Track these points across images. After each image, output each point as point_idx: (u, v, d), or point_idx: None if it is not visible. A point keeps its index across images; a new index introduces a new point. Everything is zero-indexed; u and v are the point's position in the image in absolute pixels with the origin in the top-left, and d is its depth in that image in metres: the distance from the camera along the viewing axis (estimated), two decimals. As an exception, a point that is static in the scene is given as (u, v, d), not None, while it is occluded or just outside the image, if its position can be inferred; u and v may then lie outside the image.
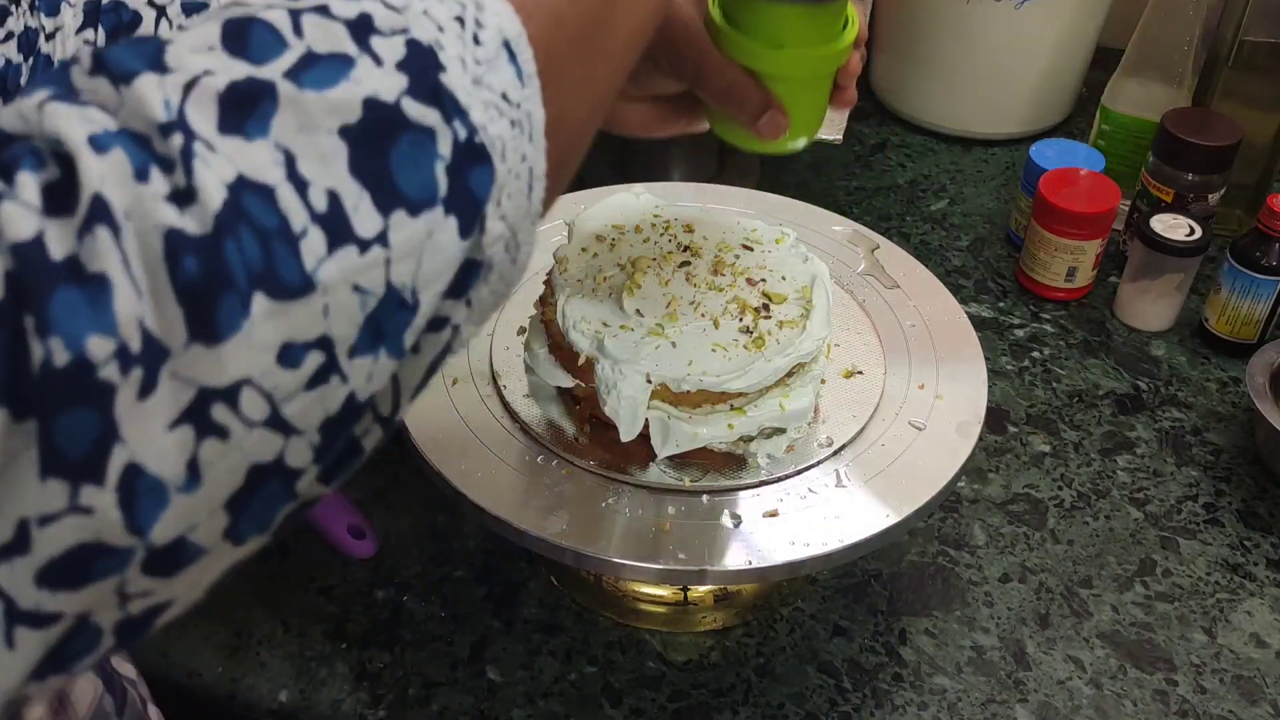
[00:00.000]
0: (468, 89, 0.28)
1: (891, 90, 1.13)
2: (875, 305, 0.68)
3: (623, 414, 0.55)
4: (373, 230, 0.26)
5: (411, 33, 0.27)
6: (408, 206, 0.26)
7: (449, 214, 0.27)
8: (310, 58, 0.26)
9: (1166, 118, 0.86)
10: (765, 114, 0.49)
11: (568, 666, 0.64)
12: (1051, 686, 0.64)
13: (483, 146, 0.28)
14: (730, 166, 1.00)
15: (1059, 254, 0.88)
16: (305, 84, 0.25)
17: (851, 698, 0.63)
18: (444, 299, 0.29)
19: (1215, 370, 0.85)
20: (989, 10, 1.00)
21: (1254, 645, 0.66)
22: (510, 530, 0.54)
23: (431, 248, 0.27)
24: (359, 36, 0.26)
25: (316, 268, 0.25)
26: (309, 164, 0.25)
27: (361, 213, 0.26)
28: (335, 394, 0.26)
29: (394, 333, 0.27)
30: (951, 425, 0.60)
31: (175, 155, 0.23)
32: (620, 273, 0.60)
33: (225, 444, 0.24)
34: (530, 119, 0.29)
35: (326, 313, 0.25)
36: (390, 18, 0.27)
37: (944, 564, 0.70)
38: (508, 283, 0.31)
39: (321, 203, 0.25)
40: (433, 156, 0.27)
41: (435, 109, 0.27)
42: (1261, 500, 0.75)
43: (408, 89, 0.26)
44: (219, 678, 0.64)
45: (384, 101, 0.26)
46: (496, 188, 0.28)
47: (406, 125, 0.26)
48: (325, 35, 0.26)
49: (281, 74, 0.25)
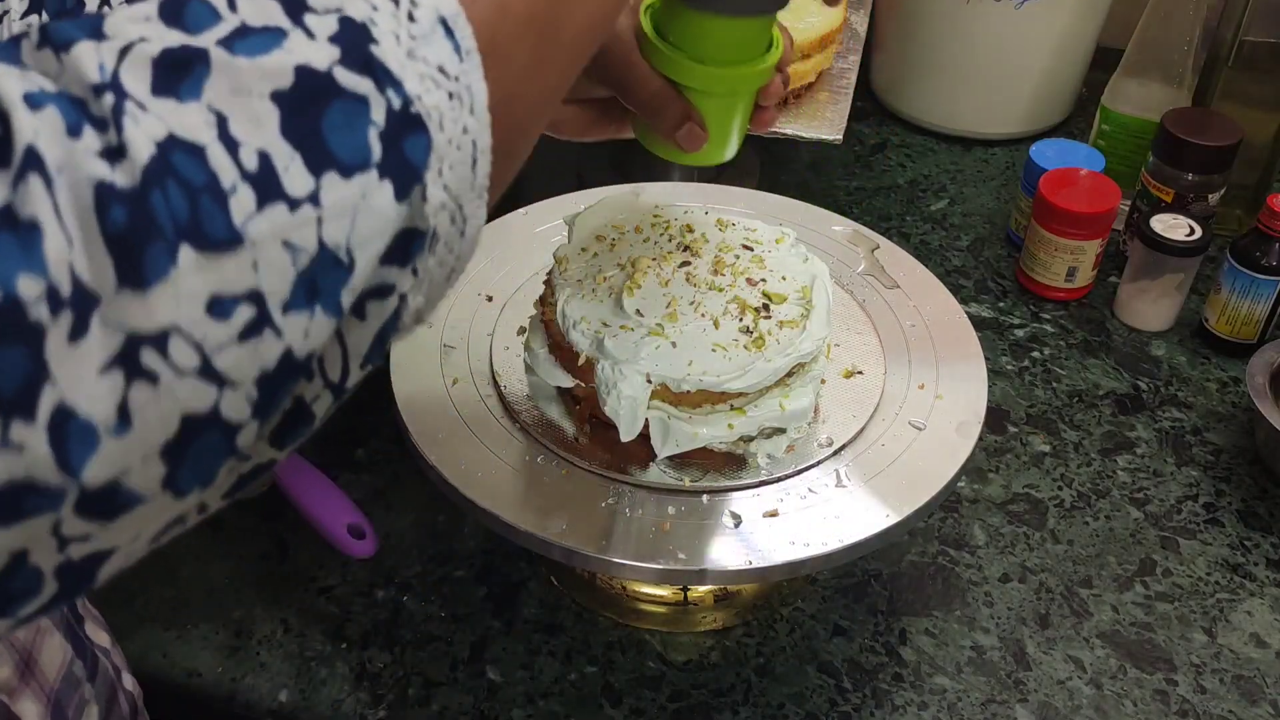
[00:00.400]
0: (401, 60, 0.29)
1: (891, 90, 1.13)
2: (875, 305, 0.68)
3: (623, 414, 0.55)
4: (304, 190, 0.27)
5: (345, 10, 0.28)
6: (340, 169, 0.27)
7: (384, 178, 0.28)
8: (244, 29, 0.27)
9: (1166, 118, 0.86)
10: (684, 126, 0.50)
11: (568, 666, 0.64)
12: (1051, 686, 0.64)
13: (418, 115, 0.29)
14: (730, 166, 1.00)
15: (1059, 254, 0.88)
16: (238, 51, 0.26)
17: (851, 698, 0.63)
18: (385, 265, 0.29)
19: (1215, 370, 0.85)
20: (989, 10, 1.00)
21: (1254, 645, 0.66)
22: (510, 530, 0.54)
23: (366, 209, 0.28)
24: (292, 12, 0.28)
25: (245, 223, 0.26)
26: (241, 125, 0.26)
27: (292, 173, 0.26)
28: (270, 348, 0.27)
29: (329, 290, 0.28)
30: (951, 425, 0.60)
31: (108, 114, 0.25)
32: (620, 273, 0.60)
33: (155, 389, 0.25)
34: (471, 92, 0.30)
35: (256, 267, 0.26)
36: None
37: (944, 564, 0.70)
38: (457, 255, 0.32)
39: (252, 162, 0.26)
40: (366, 122, 0.28)
41: (368, 78, 0.28)
42: (1261, 500, 0.75)
43: (340, 59, 0.28)
44: (219, 678, 0.64)
45: (316, 69, 0.27)
46: (435, 156, 0.29)
47: (338, 92, 0.27)
48: (259, 10, 0.27)
49: (215, 42, 0.26)
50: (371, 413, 0.79)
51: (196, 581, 0.69)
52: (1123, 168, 0.93)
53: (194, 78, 0.26)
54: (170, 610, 0.67)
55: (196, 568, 0.69)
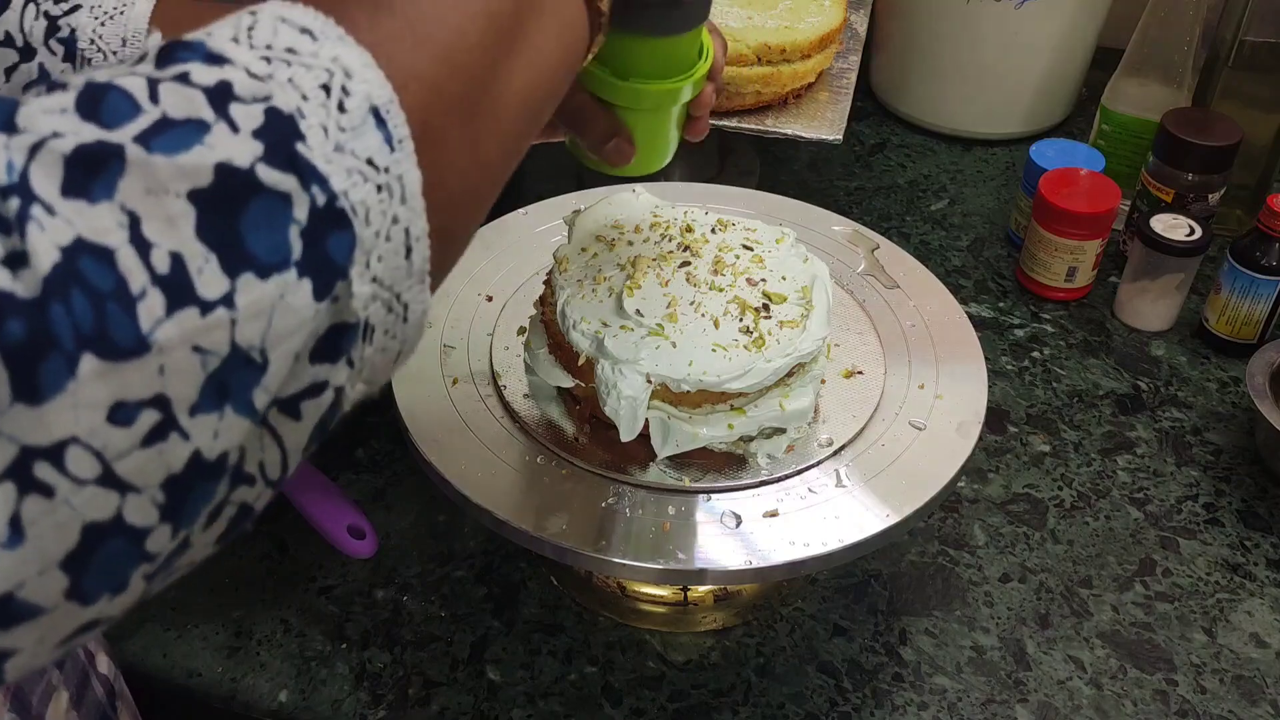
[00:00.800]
0: (327, 155, 0.28)
1: (891, 90, 1.13)
2: (875, 305, 0.68)
3: (623, 414, 0.55)
4: (218, 292, 0.26)
5: (273, 100, 0.27)
6: (257, 269, 0.26)
7: (303, 276, 0.27)
8: (164, 122, 0.26)
9: (1166, 118, 0.86)
10: (610, 140, 0.50)
11: (568, 666, 0.64)
12: (1051, 686, 0.64)
13: (342, 211, 0.28)
14: (730, 166, 1.00)
15: (1059, 254, 0.88)
16: (156, 148, 0.25)
17: (851, 698, 0.63)
18: (315, 363, 0.29)
19: (1215, 370, 0.85)
20: (989, 10, 1.00)
21: (1254, 645, 0.66)
22: (510, 530, 0.54)
23: (283, 309, 0.27)
24: (217, 103, 0.27)
25: (153, 329, 0.25)
26: (154, 226, 0.25)
27: (206, 275, 0.26)
28: (176, 451, 0.26)
29: (240, 391, 0.27)
30: (951, 425, 0.60)
31: (12, 218, 0.24)
32: (620, 273, 0.60)
33: (50, 501, 0.24)
34: (402, 182, 0.30)
35: (163, 372, 0.25)
36: (252, 85, 0.27)
37: (944, 564, 0.70)
38: (402, 340, 0.32)
39: (164, 265, 0.25)
40: (287, 220, 0.27)
41: (291, 174, 0.27)
42: (1261, 500, 0.75)
43: (263, 155, 0.27)
44: (219, 678, 0.64)
45: (237, 167, 0.26)
46: (360, 251, 0.29)
47: (260, 190, 0.27)
48: (181, 101, 0.26)
49: (131, 138, 0.25)
50: (371, 413, 0.79)
51: (196, 581, 0.69)
52: (1123, 168, 0.93)
53: (107, 177, 0.25)
54: (170, 610, 0.67)
55: (196, 568, 0.69)
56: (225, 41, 0.28)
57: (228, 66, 0.27)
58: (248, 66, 0.28)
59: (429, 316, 0.33)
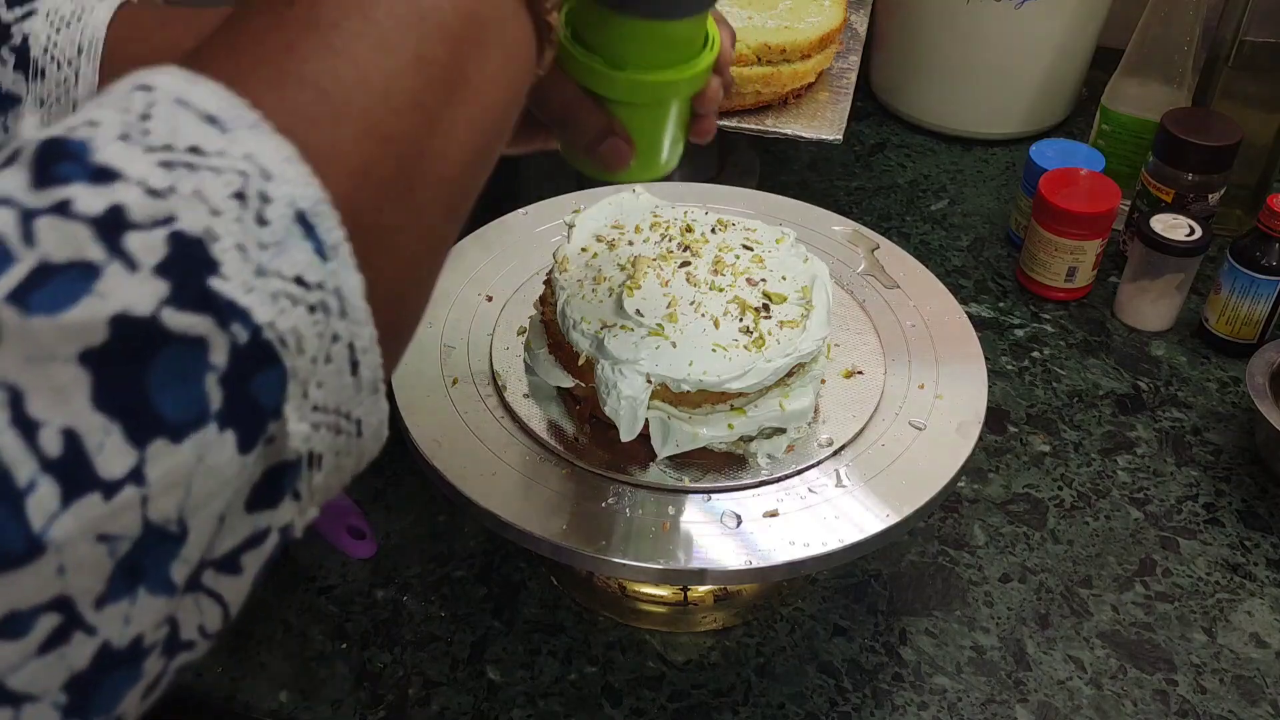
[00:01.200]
0: (247, 283, 0.23)
1: (891, 90, 1.13)
2: (875, 305, 0.68)
3: (623, 414, 0.55)
4: (123, 469, 0.22)
5: (177, 222, 0.23)
6: (169, 432, 0.22)
7: (225, 429, 0.23)
8: (42, 271, 0.21)
9: (1166, 118, 0.86)
10: (605, 141, 0.43)
11: (568, 666, 0.64)
12: (1051, 686, 0.64)
13: (268, 345, 0.24)
14: (730, 166, 1.00)
15: (1059, 254, 0.88)
16: (35, 306, 0.21)
17: (851, 698, 0.63)
18: (250, 512, 0.25)
19: (1215, 370, 0.85)
20: (989, 10, 1.00)
21: (1254, 645, 0.66)
22: (510, 530, 0.54)
23: (204, 472, 0.23)
24: (108, 237, 0.22)
25: (47, 526, 0.21)
26: (40, 401, 0.21)
27: (108, 450, 0.22)
28: (79, 650, 0.22)
29: (155, 569, 0.23)
30: (951, 425, 0.60)
31: None
32: (620, 273, 0.60)
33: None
34: (341, 294, 0.25)
35: (62, 571, 0.21)
36: (150, 206, 0.23)
37: (944, 564, 0.70)
38: (359, 454, 0.28)
39: (55, 446, 0.21)
40: (202, 369, 0.23)
41: (205, 315, 0.23)
42: (1261, 500, 0.75)
43: (168, 297, 0.22)
44: (219, 678, 0.64)
45: (137, 317, 0.22)
46: (294, 384, 0.25)
47: (166, 339, 0.22)
48: (64, 240, 0.22)
49: (4, 296, 0.21)
50: (371, 413, 0.79)
51: (196, 581, 0.69)
52: (1123, 168, 0.93)
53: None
54: (170, 610, 0.67)
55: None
56: (113, 143, 0.23)
57: (119, 185, 0.23)
58: (144, 180, 0.23)
59: (369, 460, 0.29)
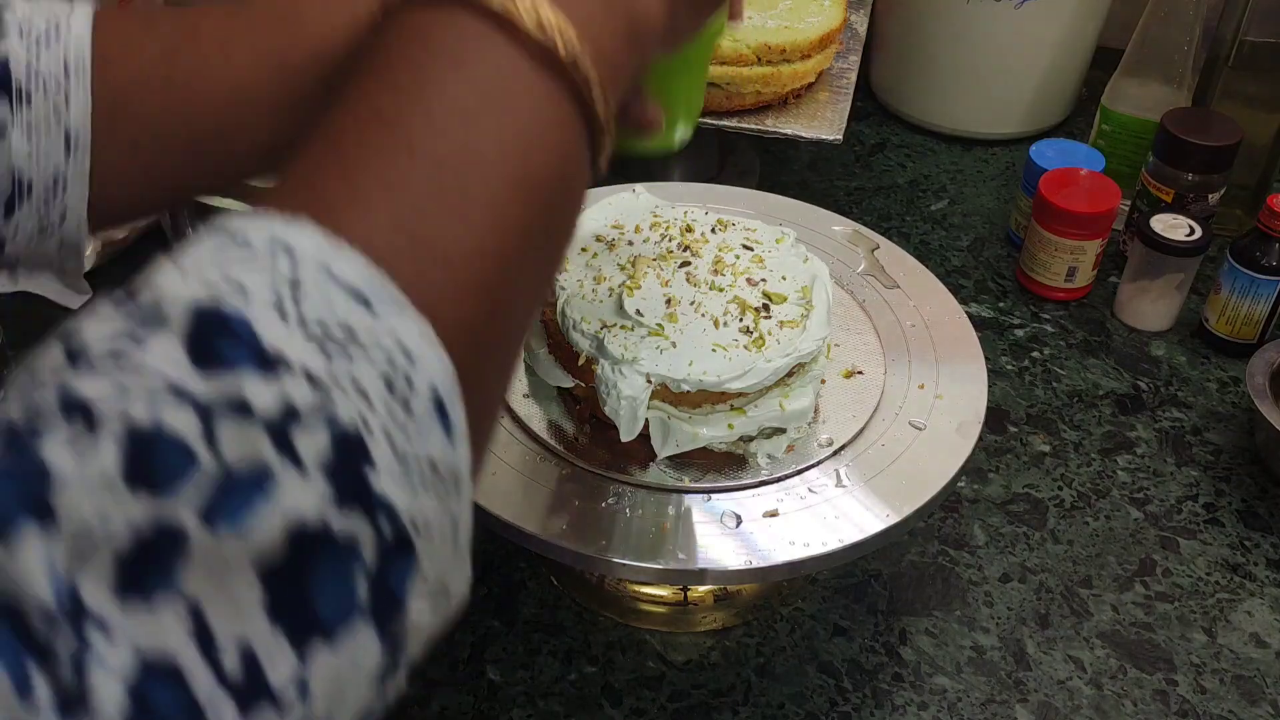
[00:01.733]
0: (394, 474, 0.23)
1: (891, 90, 1.13)
2: (875, 305, 0.68)
3: (623, 414, 0.55)
4: (288, 675, 0.21)
5: (336, 416, 0.22)
6: (325, 634, 0.22)
7: (369, 624, 0.23)
8: (227, 483, 0.21)
9: (1166, 118, 0.86)
10: (634, 106, 0.43)
11: (568, 666, 0.64)
12: (1051, 686, 0.64)
13: (407, 536, 0.23)
14: (730, 166, 1.00)
15: (1059, 254, 0.88)
16: (220, 521, 0.21)
17: (851, 698, 0.63)
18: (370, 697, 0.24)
19: (1215, 370, 0.85)
20: (989, 10, 1.00)
21: (1254, 645, 0.66)
22: (510, 530, 0.54)
23: (353, 674, 0.23)
24: (281, 438, 0.21)
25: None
26: (219, 615, 0.21)
27: (277, 660, 0.21)
28: None
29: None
30: (951, 425, 0.60)
31: (62, 651, 0.19)
32: (620, 273, 0.60)
33: None
34: (458, 476, 0.25)
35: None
36: (312, 399, 0.22)
37: (944, 564, 0.70)
38: (444, 620, 0.26)
39: (234, 662, 0.21)
40: (355, 567, 0.22)
41: (361, 514, 0.22)
42: (1261, 500, 0.75)
43: (333, 498, 0.22)
44: (219, 678, 0.64)
45: (309, 524, 0.21)
46: (418, 572, 0.24)
47: (330, 543, 0.22)
48: (243, 445, 0.21)
49: (194, 509, 0.20)
50: (371, 413, 0.79)
51: (196, 581, 0.69)
52: (1123, 168, 0.93)
53: (166, 565, 0.20)
54: (170, 610, 0.67)
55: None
56: (273, 322, 0.22)
57: (286, 376, 0.22)
58: (305, 368, 0.22)
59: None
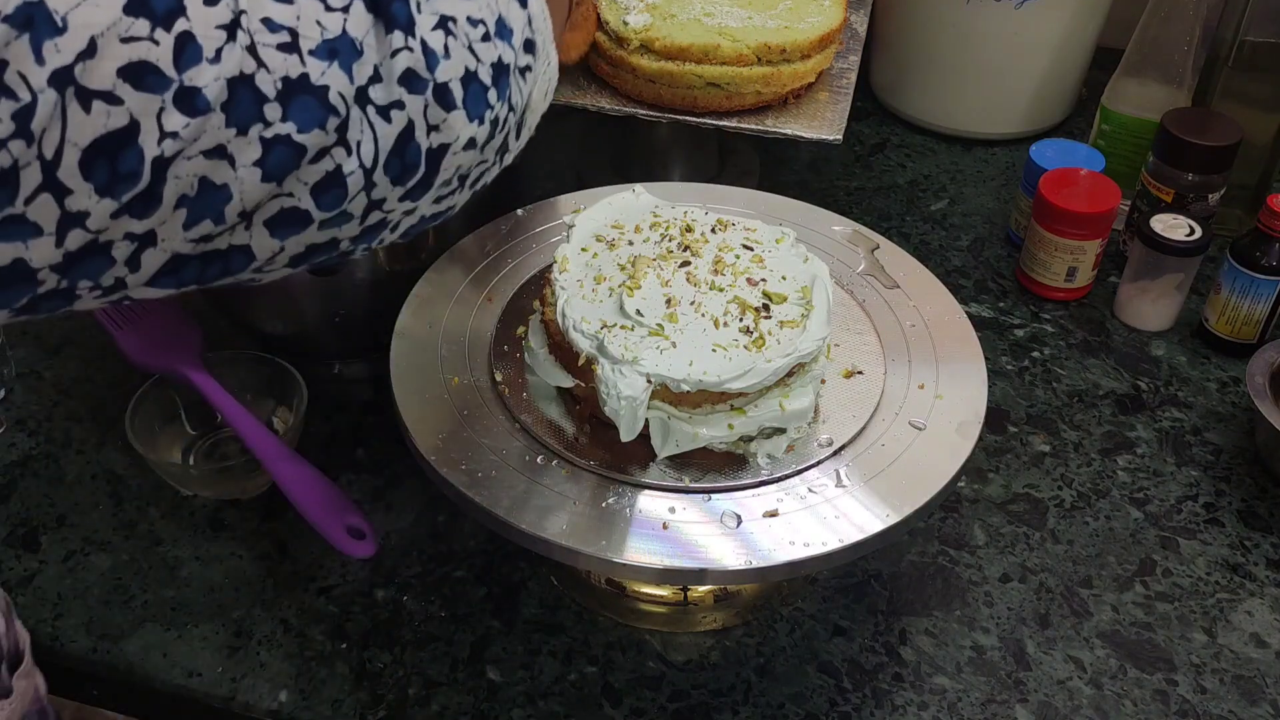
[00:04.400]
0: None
1: (891, 90, 1.13)
2: (875, 305, 0.68)
3: (623, 414, 0.55)
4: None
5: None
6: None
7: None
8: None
9: (1166, 118, 0.86)
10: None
11: (568, 666, 0.64)
12: (1051, 686, 0.64)
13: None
14: (730, 166, 1.00)
15: (1059, 254, 0.88)
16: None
17: (851, 698, 0.63)
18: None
19: (1215, 370, 0.85)
20: (989, 10, 1.00)
21: (1254, 645, 0.66)
22: (510, 530, 0.54)
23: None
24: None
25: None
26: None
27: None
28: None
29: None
30: (951, 425, 0.60)
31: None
32: (620, 273, 0.60)
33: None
34: None
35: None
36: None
37: (944, 564, 0.70)
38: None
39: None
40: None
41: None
42: (1261, 500, 0.75)
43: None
44: (219, 678, 0.64)
45: None
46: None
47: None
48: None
49: None
50: (372, 413, 0.79)
51: (196, 581, 0.69)
52: (1123, 168, 0.93)
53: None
54: (170, 610, 0.67)
55: (196, 568, 0.69)
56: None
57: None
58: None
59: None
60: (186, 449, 0.75)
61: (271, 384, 0.75)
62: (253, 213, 0.34)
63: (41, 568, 0.69)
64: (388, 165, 0.37)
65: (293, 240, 0.36)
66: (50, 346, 0.85)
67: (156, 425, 0.74)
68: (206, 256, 0.34)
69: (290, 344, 0.78)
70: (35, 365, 0.83)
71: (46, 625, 0.66)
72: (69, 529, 0.71)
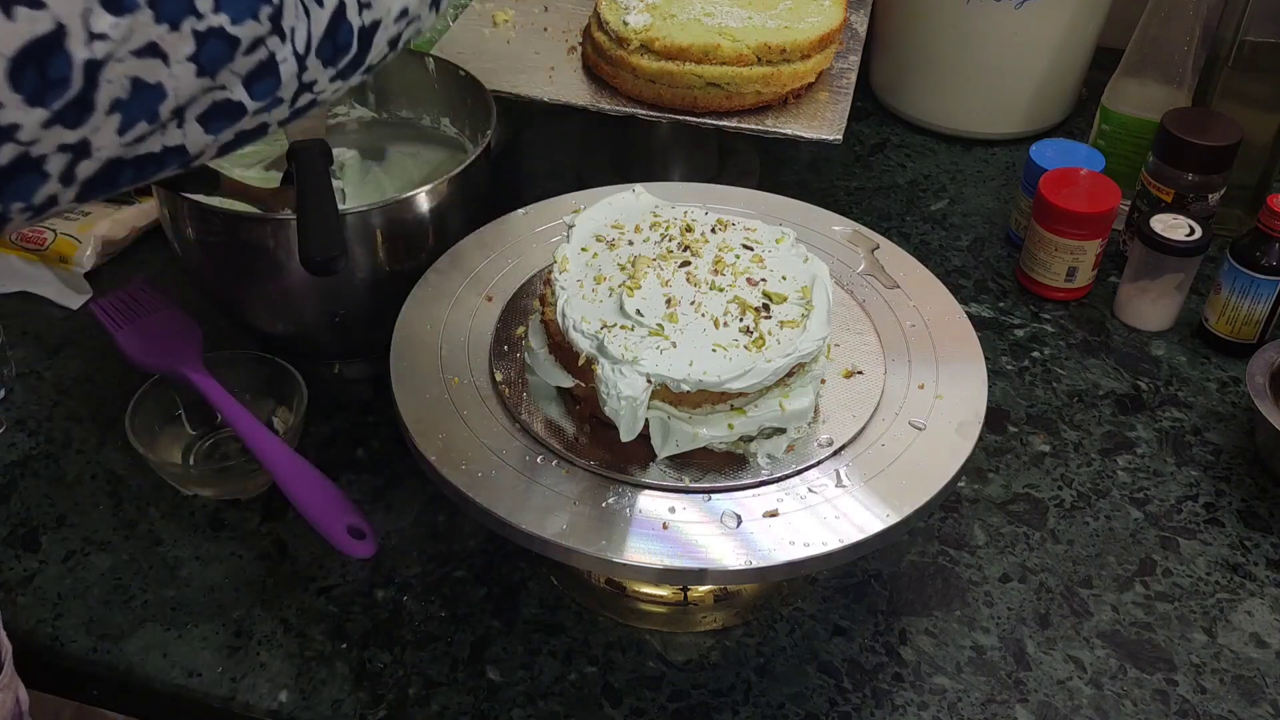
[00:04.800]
0: None
1: (891, 90, 1.13)
2: (875, 305, 0.68)
3: (623, 414, 0.55)
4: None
5: None
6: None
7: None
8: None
9: (1166, 118, 0.86)
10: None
11: (568, 666, 0.64)
12: (1051, 686, 0.64)
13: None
14: (730, 166, 1.00)
15: (1059, 254, 0.88)
16: None
17: (851, 698, 0.63)
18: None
19: (1215, 370, 0.85)
20: (989, 10, 1.00)
21: (1254, 645, 0.66)
22: (510, 530, 0.54)
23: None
24: None
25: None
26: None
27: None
28: None
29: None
30: (951, 425, 0.60)
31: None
32: (620, 273, 0.60)
33: None
34: None
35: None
36: None
37: (944, 564, 0.70)
38: None
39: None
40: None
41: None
42: (1261, 500, 0.75)
43: None
44: (219, 678, 0.64)
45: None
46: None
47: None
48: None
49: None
50: (371, 413, 0.79)
51: (196, 581, 0.69)
52: (1123, 168, 0.93)
53: None
54: (170, 610, 0.67)
55: (196, 568, 0.69)
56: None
57: None
58: None
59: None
60: (186, 449, 0.76)
61: (271, 384, 0.75)
62: (185, 108, 0.34)
63: (41, 568, 0.69)
64: (320, 48, 0.37)
65: (226, 132, 0.36)
66: (50, 346, 0.85)
67: (156, 425, 0.74)
68: (140, 160, 0.34)
69: (290, 344, 0.78)
70: (35, 365, 0.83)
71: (46, 625, 0.66)
72: (69, 529, 0.71)
